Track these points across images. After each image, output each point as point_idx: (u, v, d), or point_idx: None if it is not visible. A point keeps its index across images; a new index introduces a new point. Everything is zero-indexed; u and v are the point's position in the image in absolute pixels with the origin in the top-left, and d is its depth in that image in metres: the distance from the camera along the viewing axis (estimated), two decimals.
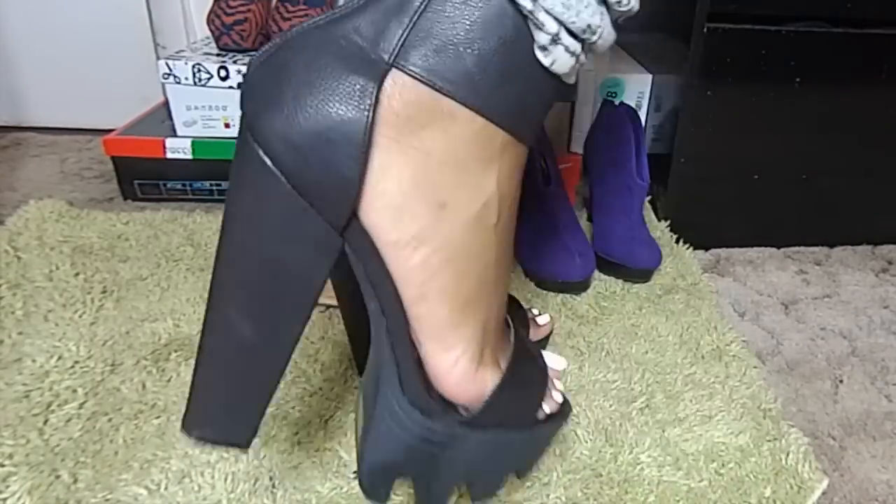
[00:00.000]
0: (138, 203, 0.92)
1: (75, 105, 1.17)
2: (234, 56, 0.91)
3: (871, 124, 0.82)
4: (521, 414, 0.36)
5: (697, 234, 0.85)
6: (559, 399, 0.39)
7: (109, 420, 0.53)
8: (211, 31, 0.92)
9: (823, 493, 0.50)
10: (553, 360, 0.41)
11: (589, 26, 0.30)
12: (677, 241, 0.84)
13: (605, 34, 0.32)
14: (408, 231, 0.30)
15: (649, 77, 0.93)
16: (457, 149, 0.30)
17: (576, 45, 0.31)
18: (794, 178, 0.84)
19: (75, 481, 0.47)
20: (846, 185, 0.86)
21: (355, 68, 0.28)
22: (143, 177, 0.92)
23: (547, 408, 0.38)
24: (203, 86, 0.88)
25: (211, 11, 0.91)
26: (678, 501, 0.48)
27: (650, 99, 0.95)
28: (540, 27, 0.29)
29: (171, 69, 0.87)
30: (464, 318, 0.33)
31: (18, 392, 0.55)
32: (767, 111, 0.79)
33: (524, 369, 0.36)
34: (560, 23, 0.30)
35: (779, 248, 0.88)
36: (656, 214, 0.90)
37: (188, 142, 0.89)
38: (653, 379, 0.60)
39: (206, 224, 0.83)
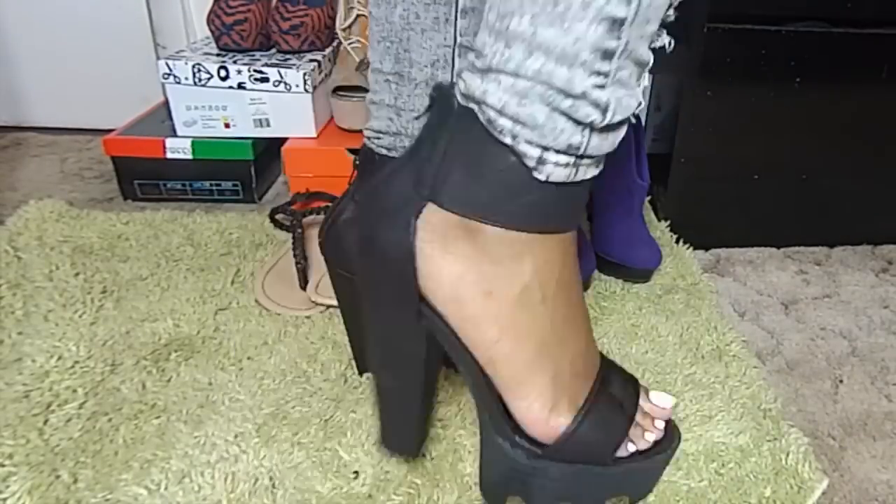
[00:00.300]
0: (138, 203, 0.93)
1: (75, 105, 1.17)
2: (234, 56, 0.91)
3: (871, 124, 0.82)
4: (596, 452, 0.41)
5: (697, 234, 0.85)
6: (650, 439, 0.42)
7: (109, 420, 0.53)
8: (211, 31, 0.92)
9: (823, 493, 0.50)
10: (659, 398, 0.44)
11: (570, 146, 0.33)
12: (677, 241, 0.84)
13: (593, 145, 0.34)
14: (465, 314, 0.38)
15: (649, 77, 0.93)
16: (488, 251, 0.36)
17: (566, 158, 0.34)
18: (794, 178, 0.84)
19: (75, 481, 0.47)
20: (846, 185, 0.86)
21: (403, 208, 0.37)
22: (143, 177, 0.92)
23: (633, 447, 0.42)
24: (203, 86, 0.88)
25: (211, 11, 0.91)
26: (678, 501, 0.48)
27: (650, 99, 0.95)
28: (522, 156, 0.34)
29: (171, 69, 0.87)
30: (528, 376, 0.39)
31: (18, 392, 0.55)
32: (767, 111, 0.79)
33: (601, 416, 0.41)
34: (542, 147, 0.33)
35: (779, 248, 0.88)
36: (656, 214, 0.90)
37: (188, 142, 0.89)
38: (653, 379, 0.60)
39: (205, 224, 0.83)
